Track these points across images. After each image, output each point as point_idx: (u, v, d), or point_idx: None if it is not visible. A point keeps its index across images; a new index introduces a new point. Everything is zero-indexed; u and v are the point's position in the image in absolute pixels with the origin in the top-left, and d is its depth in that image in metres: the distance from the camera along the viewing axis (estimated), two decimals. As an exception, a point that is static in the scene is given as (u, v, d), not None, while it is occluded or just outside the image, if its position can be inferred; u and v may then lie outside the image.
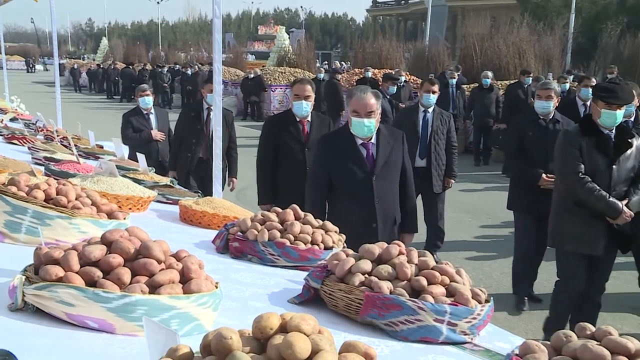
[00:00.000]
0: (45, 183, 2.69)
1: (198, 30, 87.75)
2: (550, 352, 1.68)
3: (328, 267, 2.33)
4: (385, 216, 4.13)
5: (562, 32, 23.13)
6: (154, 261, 1.85)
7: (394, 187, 4.22)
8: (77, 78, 40.63)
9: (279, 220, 2.89)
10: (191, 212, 3.49)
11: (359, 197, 4.07)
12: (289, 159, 5.16)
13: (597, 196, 4.55)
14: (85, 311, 1.76)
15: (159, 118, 7.62)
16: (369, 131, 4.02)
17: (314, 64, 29.62)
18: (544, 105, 5.76)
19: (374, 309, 2.09)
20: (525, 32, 21.24)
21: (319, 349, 1.18)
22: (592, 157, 4.61)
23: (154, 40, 68.60)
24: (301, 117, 5.17)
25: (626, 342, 1.57)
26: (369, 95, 3.97)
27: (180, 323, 1.81)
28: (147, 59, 42.75)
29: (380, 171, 4.07)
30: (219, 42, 4.27)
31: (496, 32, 22.49)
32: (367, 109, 3.94)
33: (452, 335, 2.09)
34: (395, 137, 4.23)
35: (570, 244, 4.81)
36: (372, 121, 3.98)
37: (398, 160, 4.21)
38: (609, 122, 4.58)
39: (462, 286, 2.19)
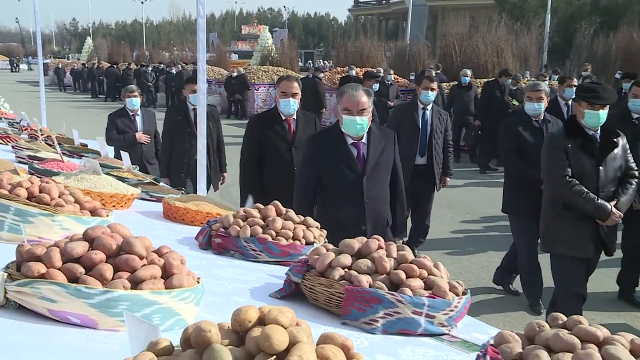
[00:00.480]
0: (28, 181, 2.66)
1: (182, 30, 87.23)
2: (524, 341, 1.70)
3: (309, 261, 2.33)
4: (376, 218, 3.99)
5: (539, 32, 23.36)
6: (136, 257, 1.84)
7: (385, 188, 4.09)
8: (61, 77, 40.25)
9: (260, 217, 2.89)
10: (174, 209, 3.48)
11: (348, 197, 3.94)
12: (275, 158, 5.02)
13: (586, 199, 4.48)
14: (68, 307, 1.75)
15: (145, 120, 7.36)
16: (361, 129, 3.88)
17: (296, 63, 29.60)
18: (535, 107, 5.66)
19: (354, 303, 2.09)
20: (503, 32, 21.41)
21: (296, 340, 1.18)
22: (579, 159, 4.54)
23: (138, 39, 68.23)
24: (287, 115, 5.03)
25: (595, 330, 1.59)
26: (361, 93, 3.85)
27: (162, 318, 1.81)
28: (131, 58, 42.50)
29: (370, 172, 3.94)
30: (203, 41, 4.27)
31: (475, 31, 22.67)
32: (359, 106, 3.80)
33: (430, 327, 2.10)
34: (386, 137, 4.09)
35: (561, 247, 4.74)
36: (364, 119, 3.84)
37: (389, 160, 4.08)
38: (592, 123, 4.51)
39: (439, 279, 2.21)
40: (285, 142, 5.01)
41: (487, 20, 25.04)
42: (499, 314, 5.78)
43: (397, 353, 1.93)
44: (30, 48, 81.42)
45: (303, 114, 5.24)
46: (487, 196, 10.63)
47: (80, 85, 38.17)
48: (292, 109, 4.98)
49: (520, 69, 19.85)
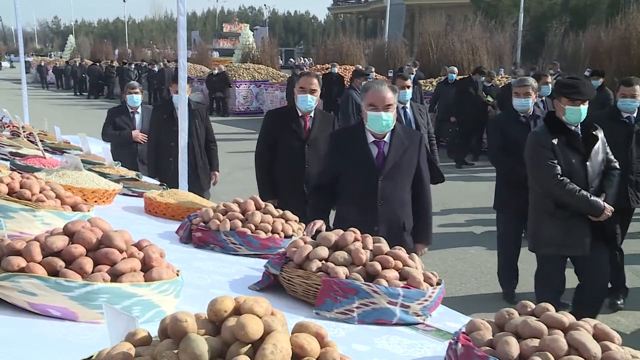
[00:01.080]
0: (8, 177, 2.64)
1: (164, 28, 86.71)
2: (494, 329, 1.73)
3: (287, 254, 2.34)
4: (389, 220, 3.73)
5: (512, 30, 23.57)
6: (116, 250, 1.84)
7: (403, 191, 3.81)
8: (44, 75, 39.81)
9: (240, 211, 2.89)
10: (155, 204, 3.46)
11: (362, 197, 3.74)
12: (287, 154, 4.80)
13: (579, 197, 4.36)
14: (48, 300, 1.75)
15: (145, 118, 6.90)
16: (387, 125, 3.65)
17: (277, 60, 29.58)
18: (523, 103, 5.52)
19: (330, 294, 2.10)
20: (478, 30, 21.58)
21: (271, 329, 1.19)
22: (566, 155, 4.43)
23: (121, 37, 67.66)
24: (304, 111, 4.77)
25: (561, 317, 1.62)
26: (387, 89, 3.65)
27: (142, 310, 1.80)
28: (114, 56, 42.13)
29: (388, 172, 3.69)
30: (183, 39, 4.25)
31: (451, 29, 22.83)
32: (385, 102, 3.60)
33: (405, 316, 2.12)
34: (411, 139, 3.83)
35: (551, 247, 4.62)
36: (390, 115, 3.63)
37: (411, 163, 3.80)
38: (573, 119, 4.41)
39: (414, 270, 2.22)
40: (299, 139, 4.78)
41: (462, 19, 25.19)
42: (474, 304, 5.82)
43: (373, 342, 1.94)
44: (12, 46, 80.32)
45: (322, 114, 5.04)
46: (463, 190, 10.71)
47: (63, 83, 37.76)
48: (309, 105, 4.73)
49: (495, 67, 20.01)
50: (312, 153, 4.73)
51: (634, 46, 15.37)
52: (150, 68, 28.92)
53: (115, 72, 30.51)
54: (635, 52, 15.24)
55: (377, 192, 3.69)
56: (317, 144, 4.75)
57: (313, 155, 4.73)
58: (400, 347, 1.92)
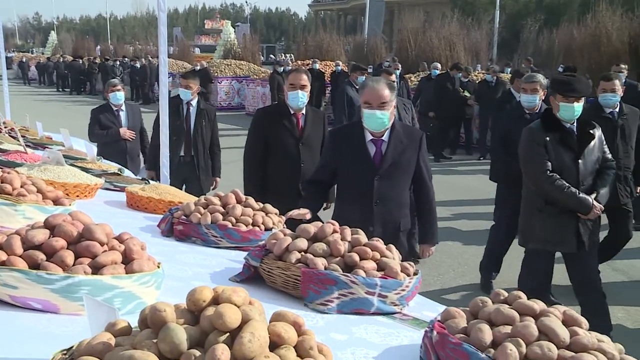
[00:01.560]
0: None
1: (146, 25, 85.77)
2: (468, 317, 1.75)
3: (267, 246, 2.34)
4: (385, 220, 3.59)
5: (489, 27, 23.72)
6: (97, 243, 1.83)
7: (401, 191, 3.66)
8: (25, 71, 39.27)
9: (221, 204, 2.89)
10: (137, 198, 3.45)
11: (358, 196, 3.62)
12: (282, 154, 4.61)
13: (568, 193, 4.27)
14: (29, 293, 1.74)
15: (130, 115, 6.84)
16: (382, 124, 3.51)
17: (258, 56, 29.50)
18: (530, 99, 5.35)
19: (311, 285, 2.11)
20: (456, 27, 21.65)
21: (248, 318, 1.19)
22: (558, 153, 4.33)
23: (103, 34, 66.92)
24: (296, 108, 4.60)
25: (532, 304, 1.64)
26: (383, 86, 3.49)
27: (124, 302, 1.80)
28: (96, 52, 41.71)
29: (385, 171, 3.56)
30: (164, 34, 4.22)
31: (429, 26, 22.88)
32: (380, 100, 3.45)
33: (383, 306, 2.13)
34: (411, 137, 3.67)
35: (540, 242, 4.54)
36: (386, 113, 3.48)
37: (409, 162, 3.64)
38: (568, 116, 4.29)
39: (392, 261, 2.24)
40: (293, 138, 4.60)
41: (440, 16, 25.28)
42: (451, 294, 5.87)
43: (351, 331, 1.95)
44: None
45: (312, 110, 4.84)
46: (441, 183, 10.74)
47: (46, 79, 37.31)
48: (301, 102, 4.56)
49: (472, 63, 20.11)
50: (307, 151, 4.62)
51: (604, 43, 15.56)
52: (133, 64, 28.67)
53: (97, 69, 30.21)
54: (605, 49, 15.43)
55: (373, 191, 3.57)
56: (310, 142, 4.65)
57: (307, 154, 4.62)
58: (378, 335, 1.94)
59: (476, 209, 9.02)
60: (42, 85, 37.09)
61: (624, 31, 15.51)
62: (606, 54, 15.27)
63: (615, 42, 15.37)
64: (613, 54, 15.02)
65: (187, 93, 5.99)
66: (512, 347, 1.51)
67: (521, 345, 1.52)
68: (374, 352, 1.80)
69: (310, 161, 4.54)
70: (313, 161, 4.50)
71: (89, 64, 31.16)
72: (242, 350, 1.14)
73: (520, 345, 1.52)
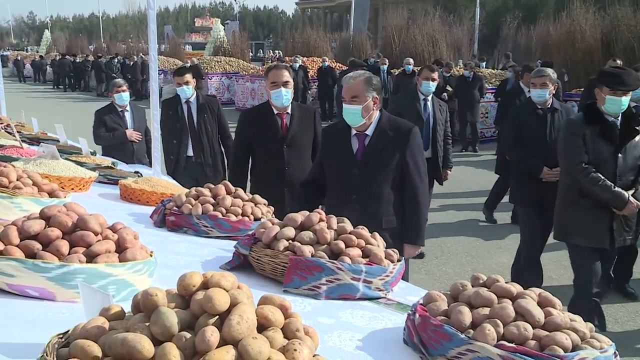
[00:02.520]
0: (-14, 166, 2.60)
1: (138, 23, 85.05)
2: (449, 300, 1.77)
3: (256, 235, 2.34)
4: (364, 215, 3.27)
5: (470, 24, 23.81)
6: (91, 233, 1.83)
7: (380, 186, 3.41)
8: (21, 69, 38.83)
9: (211, 195, 2.89)
10: (130, 190, 3.44)
11: (338, 191, 3.49)
12: (265, 157, 4.26)
13: (602, 186, 4.04)
14: (26, 281, 1.74)
15: (135, 116, 6.34)
16: (355, 118, 3.34)
17: (247, 53, 29.39)
18: (540, 94, 5.07)
19: (297, 272, 2.12)
20: (438, 24, 21.71)
21: (237, 301, 1.20)
22: (597, 145, 4.08)
23: (96, 32, 66.31)
24: (280, 107, 4.18)
25: (509, 287, 1.66)
26: (354, 81, 3.36)
27: (118, 289, 1.80)
28: (89, 50, 41.37)
29: (364, 165, 3.40)
30: (153, 32, 4.17)
31: (412, 23, 22.93)
32: (350, 94, 3.33)
33: (368, 291, 2.14)
34: (398, 132, 3.43)
35: (576, 236, 4.30)
36: (358, 107, 3.31)
37: (393, 156, 3.40)
38: (613, 109, 4.05)
39: (376, 248, 2.25)
40: (277, 140, 4.18)
41: (423, 13, 25.32)
42: (434, 281, 5.90)
43: (337, 315, 1.96)
44: (-12, 41, 78.19)
45: (300, 108, 4.38)
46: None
47: (41, 76, 36.96)
48: (285, 100, 4.13)
49: (454, 58, 20.17)
50: (293, 153, 4.20)
51: (578, 40, 15.69)
52: (126, 62, 28.48)
53: (90, 66, 29.97)
54: (579, 45, 15.57)
55: (352, 185, 3.41)
56: (297, 143, 4.23)
57: (294, 156, 4.21)
58: (363, 319, 1.95)
59: (459, 200, 9.08)
60: (37, 83, 36.76)
61: (596, 28, 15.66)
62: (580, 50, 15.43)
63: (588, 39, 15.51)
64: (586, 50, 15.20)
65: (187, 90, 5.64)
66: (490, 327, 1.53)
67: (499, 326, 1.54)
68: (360, 334, 1.81)
69: (296, 163, 4.20)
70: (300, 163, 4.19)
71: (81, 62, 30.88)
72: (231, 332, 1.15)
73: (498, 325, 1.54)
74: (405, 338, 1.77)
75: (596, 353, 1.50)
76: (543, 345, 1.50)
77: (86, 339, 1.18)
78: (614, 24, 15.23)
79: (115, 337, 1.12)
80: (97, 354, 1.14)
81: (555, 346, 1.48)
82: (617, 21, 15.10)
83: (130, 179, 3.76)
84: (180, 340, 1.14)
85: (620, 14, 15.25)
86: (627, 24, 14.90)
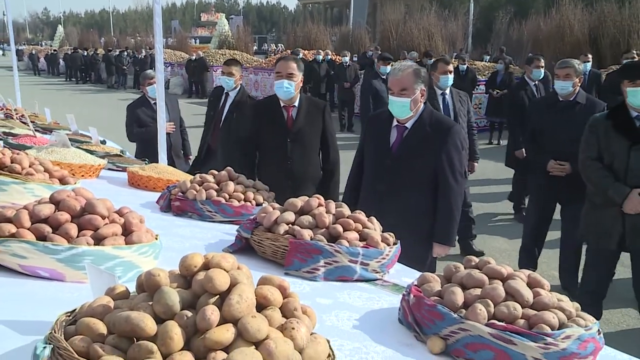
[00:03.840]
0: (0, 152, 2.59)
1: (146, 18, 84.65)
2: (442, 281, 1.76)
3: (257, 219, 2.33)
4: (392, 210, 3.19)
5: (464, 19, 23.65)
6: (98, 217, 1.82)
7: (413, 181, 3.29)
8: (35, 62, 38.73)
9: (215, 181, 2.87)
10: (138, 177, 3.42)
11: (369, 180, 3.40)
12: (269, 151, 4.04)
13: (605, 180, 3.77)
14: (37, 262, 1.73)
15: (169, 107, 5.68)
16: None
17: (251, 46, 29.28)
18: (562, 85, 4.79)
19: (297, 254, 2.11)
20: (434, 18, 21.59)
21: (237, 281, 1.19)
22: (612, 139, 3.81)
23: (106, 27, 66.09)
24: (285, 99, 3.93)
25: (500, 268, 1.65)
26: (401, 73, 3.24)
27: (124, 270, 1.79)
28: (100, 44, 41.25)
29: (398, 158, 3.28)
30: (159, 25, 4.13)
31: (409, 18, 22.80)
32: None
33: (365, 273, 2.13)
34: (437, 128, 3.28)
35: (586, 235, 4.08)
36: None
37: (428, 152, 3.26)
38: (636, 102, 3.76)
39: (373, 231, 2.24)
40: (281, 133, 3.94)
41: (419, 8, 25.22)
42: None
43: (335, 296, 1.95)
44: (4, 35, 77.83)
45: (309, 102, 4.09)
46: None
47: (55, 69, 36.85)
48: (286, 92, 3.87)
49: (449, 51, 20.07)
50: (296, 147, 3.95)
51: (567, 34, 15.67)
52: (135, 55, 28.40)
53: (100, 59, 29.89)
54: (568, 39, 15.55)
55: (382, 176, 3.33)
56: (301, 137, 3.96)
57: (297, 150, 3.95)
58: (360, 300, 1.94)
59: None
60: (50, 76, 36.63)
61: (584, 23, 15.65)
62: (569, 44, 15.43)
63: (577, 33, 15.50)
64: (575, 44, 15.20)
65: (228, 81, 5.25)
66: (481, 307, 1.53)
67: (490, 306, 1.54)
68: (357, 314, 1.80)
69: (300, 158, 3.97)
70: (303, 157, 3.98)
71: (92, 55, 30.78)
72: (231, 311, 1.14)
73: (489, 305, 1.54)
74: (400, 317, 1.76)
75: (581, 330, 1.50)
76: (532, 324, 1.50)
77: (92, 317, 1.17)
78: (600, 19, 15.22)
79: (119, 315, 1.11)
80: (102, 331, 1.13)
81: (543, 325, 1.48)
82: (604, 17, 15.09)
83: (137, 166, 3.74)
84: (181, 318, 1.13)
85: (606, 10, 15.22)
86: (612, 19, 14.91)
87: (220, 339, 1.10)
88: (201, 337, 1.11)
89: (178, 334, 1.09)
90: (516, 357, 1.45)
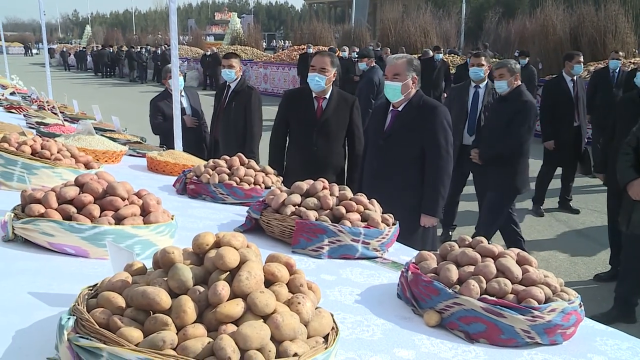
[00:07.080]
0: (31, 140, 2.60)
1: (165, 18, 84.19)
2: (438, 259, 1.73)
3: (266, 201, 2.31)
4: (386, 188, 3.25)
5: (457, 18, 23.48)
6: (119, 198, 1.80)
7: (402, 159, 3.34)
8: (65, 59, 38.66)
9: (227, 166, 2.84)
10: (156, 162, 3.39)
11: (367, 160, 3.48)
12: (297, 138, 3.96)
13: (621, 159, 3.47)
14: (64, 240, 1.73)
15: (191, 100, 5.63)
16: (394, 95, 3.30)
17: (261, 43, 29.13)
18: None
19: (303, 234, 2.08)
20: (429, 17, 21.42)
21: (246, 259, 1.16)
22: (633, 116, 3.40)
23: (129, 26, 65.89)
24: (316, 91, 3.83)
25: (492, 247, 1.63)
26: (396, 61, 3.29)
27: (142, 248, 1.77)
28: (123, 41, 41.15)
29: (388, 137, 3.34)
30: (174, 22, 4.09)
31: (407, 16, 22.57)
32: (393, 71, 3.27)
33: (366, 251, 2.11)
34: (423, 108, 3.32)
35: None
36: (397, 84, 3.27)
37: (414, 131, 3.29)
38: None
39: (374, 213, 2.21)
40: (309, 123, 3.85)
41: (416, 8, 24.90)
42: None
43: (339, 273, 1.93)
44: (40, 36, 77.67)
45: (340, 96, 3.95)
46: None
47: (84, 65, 36.76)
48: (317, 84, 3.77)
49: (444, 48, 19.91)
50: (322, 137, 3.85)
51: (550, 32, 15.60)
52: (154, 51, 28.31)
53: (124, 55, 29.80)
54: (551, 38, 15.50)
55: (376, 155, 3.43)
56: (327, 129, 3.86)
57: (322, 139, 3.85)
58: (362, 276, 1.92)
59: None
60: (79, 71, 36.57)
61: (565, 23, 15.59)
62: (552, 42, 15.42)
63: (559, 32, 15.45)
64: (557, 42, 15.24)
65: (229, 73, 5.07)
66: (474, 283, 1.51)
67: (482, 282, 1.52)
68: (358, 290, 1.78)
69: (324, 146, 3.85)
70: (328, 147, 3.87)
71: (116, 51, 30.68)
72: (240, 287, 1.11)
73: (482, 281, 1.52)
74: (398, 293, 1.74)
75: (565, 304, 1.50)
76: (520, 299, 1.49)
77: (112, 291, 1.15)
78: (580, 20, 15.12)
79: (136, 290, 1.09)
80: (121, 304, 1.11)
81: (531, 299, 1.47)
82: (583, 18, 14.98)
83: (155, 152, 3.71)
84: (194, 293, 1.11)
85: (584, 12, 15.12)
86: (590, 20, 14.82)
87: (231, 312, 1.08)
88: (213, 311, 1.10)
89: (191, 307, 1.07)
90: (506, 329, 1.44)
